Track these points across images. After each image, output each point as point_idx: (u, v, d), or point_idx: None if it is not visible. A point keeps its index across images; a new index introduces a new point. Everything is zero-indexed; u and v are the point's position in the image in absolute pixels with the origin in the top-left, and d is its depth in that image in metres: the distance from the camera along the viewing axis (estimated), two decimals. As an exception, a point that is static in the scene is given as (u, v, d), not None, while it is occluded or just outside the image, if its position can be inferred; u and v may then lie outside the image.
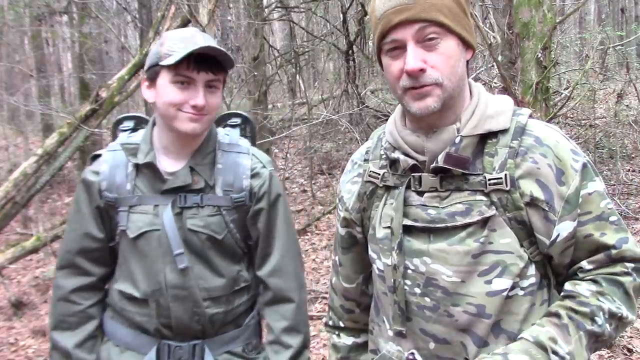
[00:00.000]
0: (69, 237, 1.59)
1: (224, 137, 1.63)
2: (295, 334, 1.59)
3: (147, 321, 1.53)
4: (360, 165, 1.32)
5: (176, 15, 5.39)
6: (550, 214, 1.10)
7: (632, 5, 15.12)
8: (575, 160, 1.12)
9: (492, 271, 1.11)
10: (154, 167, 1.53)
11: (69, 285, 1.57)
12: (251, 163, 1.59)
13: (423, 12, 1.07)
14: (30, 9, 8.49)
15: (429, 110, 1.10)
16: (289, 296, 1.60)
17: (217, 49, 1.45)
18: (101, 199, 1.55)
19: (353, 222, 1.33)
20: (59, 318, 1.57)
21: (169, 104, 1.46)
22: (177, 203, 1.52)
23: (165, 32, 1.55)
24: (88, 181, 1.57)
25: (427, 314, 1.17)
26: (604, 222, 1.12)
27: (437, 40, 1.08)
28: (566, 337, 1.06)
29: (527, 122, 1.15)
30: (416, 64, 1.07)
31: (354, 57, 8.26)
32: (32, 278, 5.70)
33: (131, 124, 1.68)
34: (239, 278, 1.60)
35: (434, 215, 1.15)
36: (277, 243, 1.61)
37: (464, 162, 1.12)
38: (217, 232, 1.54)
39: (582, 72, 6.21)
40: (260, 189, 1.58)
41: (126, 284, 1.55)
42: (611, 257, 1.12)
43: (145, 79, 1.54)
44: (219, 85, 1.52)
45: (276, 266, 1.60)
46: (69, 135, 5.43)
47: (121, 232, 1.54)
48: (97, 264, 1.58)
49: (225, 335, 1.59)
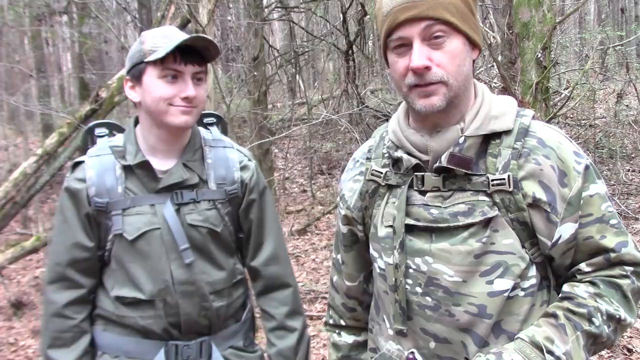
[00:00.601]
0: (58, 249, 1.54)
1: (207, 134, 1.65)
2: (297, 317, 1.65)
3: (153, 323, 1.52)
4: (363, 164, 1.32)
5: (176, 15, 5.39)
6: (552, 216, 1.10)
7: (632, 5, 15.13)
8: (578, 162, 1.12)
9: (493, 271, 1.11)
10: (147, 166, 1.52)
11: (62, 299, 1.52)
12: (238, 156, 1.63)
13: (430, 10, 1.06)
14: (30, 9, 8.49)
15: (434, 109, 1.10)
16: (287, 281, 1.66)
17: (203, 38, 1.47)
18: (90, 206, 1.51)
19: (354, 221, 1.33)
20: (54, 335, 1.51)
21: (160, 99, 1.46)
22: (174, 200, 1.52)
23: (144, 32, 1.55)
24: (73, 189, 1.52)
25: (428, 313, 1.17)
26: (604, 224, 1.12)
27: (444, 39, 1.08)
28: (563, 338, 1.06)
29: (530, 123, 1.15)
30: (421, 62, 1.07)
31: (354, 57, 8.27)
32: (32, 278, 5.70)
33: (105, 130, 1.66)
34: (236, 270, 1.63)
35: (436, 215, 1.15)
36: (269, 232, 1.66)
37: (468, 162, 1.12)
38: (216, 225, 1.55)
39: (582, 72, 6.22)
40: (251, 181, 1.62)
41: (126, 289, 1.52)
42: (610, 260, 1.12)
43: (127, 80, 1.53)
44: (204, 77, 1.53)
45: (272, 254, 1.65)
46: (69, 135, 5.43)
47: (115, 236, 1.51)
48: (87, 275, 1.55)
49: (227, 330, 1.61)
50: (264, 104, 7.16)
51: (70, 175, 1.55)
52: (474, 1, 1.14)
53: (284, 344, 1.61)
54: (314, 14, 8.94)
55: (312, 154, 8.29)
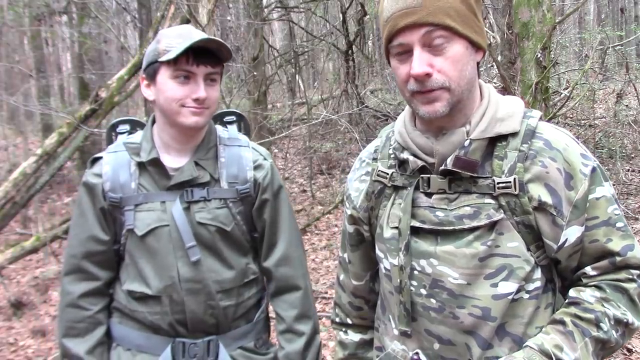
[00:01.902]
0: (74, 242, 1.58)
1: (223, 133, 1.65)
2: (306, 321, 1.63)
3: (160, 319, 1.53)
4: (369, 164, 1.32)
5: (175, 15, 5.39)
6: (558, 219, 1.09)
7: (632, 5, 15.14)
8: (585, 164, 1.11)
9: (498, 274, 1.10)
10: (159, 163, 1.54)
11: (77, 290, 1.55)
12: (252, 155, 1.62)
13: (430, 15, 1.05)
14: (30, 8, 8.49)
15: (438, 114, 1.09)
16: (297, 284, 1.64)
17: (215, 41, 1.47)
18: (105, 200, 1.55)
19: (360, 221, 1.33)
20: (68, 325, 1.55)
21: (172, 100, 1.47)
22: (184, 198, 1.53)
23: (161, 30, 1.55)
24: (90, 184, 1.57)
25: (432, 315, 1.17)
26: (610, 227, 1.11)
27: (444, 44, 1.07)
28: (572, 344, 1.05)
29: (537, 125, 1.14)
30: (422, 69, 1.06)
31: (354, 57, 8.27)
32: (31, 278, 5.70)
33: (127, 127, 1.69)
34: (248, 270, 1.62)
35: (442, 217, 1.15)
36: (282, 233, 1.64)
37: (473, 165, 1.11)
38: (225, 224, 1.55)
39: (582, 72, 6.22)
40: (264, 180, 1.61)
41: (136, 284, 1.55)
42: (615, 264, 1.11)
43: (143, 78, 1.55)
44: (217, 78, 1.54)
45: (283, 255, 1.63)
46: (69, 135, 5.43)
47: (128, 231, 1.54)
48: (102, 268, 1.58)
49: (237, 331, 1.61)
50: (264, 104, 7.17)
51: (88, 171, 1.59)
52: (476, 2, 1.12)
53: (291, 347, 1.60)
54: (314, 14, 8.95)
55: (312, 154, 8.28)
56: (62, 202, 8.73)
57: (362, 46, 9.02)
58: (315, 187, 8.08)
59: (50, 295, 5.20)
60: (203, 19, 4.34)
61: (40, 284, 5.49)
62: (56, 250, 5.75)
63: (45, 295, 5.27)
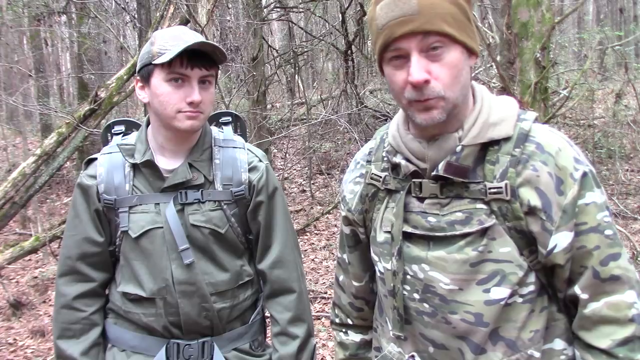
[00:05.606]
0: (69, 243, 1.58)
1: (218, 134, 1.64)
2: (300, 324, 1.62)
3: (154, 321, 1.53)
4: (363, 166, 1.32)
5: (175, 16, 5.39)
6: (547, 224, 1.07)
7: (631, 5, 15.15)
8: (576, 168, 1.09)
9: (490, 280, 1.10)
10: (153, 165, 1.53)
11: (72, 292, 1.56)
12: (247, 157, 1.61)
13: (427, 23, 1.04)
14: (29, 9, 8.49)
15: (435, 122, 1.08)
16: (291, 286, 1.63)
17: (209, 44, 1.46)
18: (100, 202, 1.55)
19: (356, 223, 1.33)
20: (63, 326, 1.55)
21: (167, 104, 1.46)
22: (178, 200, 1.52)
23: (155, 32, 1.54)
24: (85, 185, 1.56)
25: (425, 319, 1.17)
26: (598, 234, 1.08)
27: (442, 50, 1.06)
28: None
29: (530, 128, 1.12)
30: (420, 76, 1.04)
31: (353, 57, 8.28)
32: (31, 278, 5.70)
33: (122, 128, 1.68)
34: (242, 272, 1.61)
35: (433, 223, 1.14)
36: (277, 235, 1.63)
37: (464, 171, 1.11)
38: (219, 226, 1.55)
39: (581, 72, 6.21)
40: (259, 182, 1.60)
41: (130, 285, 1.55)
42: (600, 277, 1.08)
43: (138, 79, 1.54)
44: (212, 81, 1.52)
45: (277, 258, 1.62)
46: (68, 136, 5.43)
47: (122, 233, 1.54)
48: (97, 269, 1.58)
49: (232, 332, 1.60)
50: (263, 104, 7.17)
51: (83, 172, 1.59)
52: (469, 7, 1.11)
53: (285, 350, 1.60)
54: (313, 14, 8.95)
55: (311, 154, 8.28)
56: (62, 202, 8.72)
57: (362, 46, 9.02)
58: (314, 187, 8.08)
59: (50, 296, 5.20)
60: (202, 19, 4.35)
61: (40, 284, 5.49)
62: (55, 251, 5.74)
63: (44, 296, 5.27)
